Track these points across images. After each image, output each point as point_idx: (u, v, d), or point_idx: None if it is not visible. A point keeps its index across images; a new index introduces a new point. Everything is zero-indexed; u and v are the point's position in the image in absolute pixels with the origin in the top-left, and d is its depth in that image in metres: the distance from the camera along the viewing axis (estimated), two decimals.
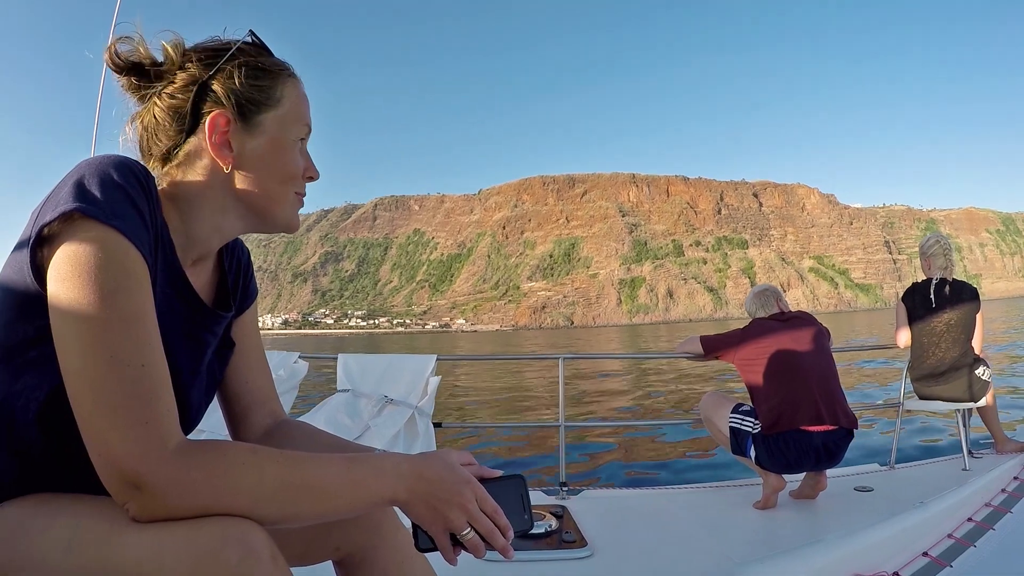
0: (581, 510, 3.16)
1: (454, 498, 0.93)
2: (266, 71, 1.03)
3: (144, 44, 0.99)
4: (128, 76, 1.00)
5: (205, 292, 1.12)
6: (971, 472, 3.77)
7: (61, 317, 0.79)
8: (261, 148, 1.02)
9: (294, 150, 1.05)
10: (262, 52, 1.05)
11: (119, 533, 0.79)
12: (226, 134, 0.99)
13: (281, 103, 1.03)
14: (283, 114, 1.03)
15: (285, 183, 1.05)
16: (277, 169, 1.03)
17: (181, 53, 0.99)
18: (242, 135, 1.00)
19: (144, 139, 1.02)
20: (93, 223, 0.80)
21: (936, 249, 4.27)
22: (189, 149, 1.00)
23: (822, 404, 3.11)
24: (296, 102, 1.05)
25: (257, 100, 1.01)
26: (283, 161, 1.04)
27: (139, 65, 0.99)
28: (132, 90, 1.01)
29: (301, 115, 1.06)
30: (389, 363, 3.63)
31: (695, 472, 6.30)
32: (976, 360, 4.07)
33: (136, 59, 0.99)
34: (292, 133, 1.05)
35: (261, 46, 1.05)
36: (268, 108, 1.02)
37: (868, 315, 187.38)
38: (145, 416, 0.78)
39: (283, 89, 1.04)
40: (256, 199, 1.03)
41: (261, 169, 1.02)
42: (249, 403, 1.24)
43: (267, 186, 1.03)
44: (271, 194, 1.04)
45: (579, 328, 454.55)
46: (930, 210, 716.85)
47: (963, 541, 2.60)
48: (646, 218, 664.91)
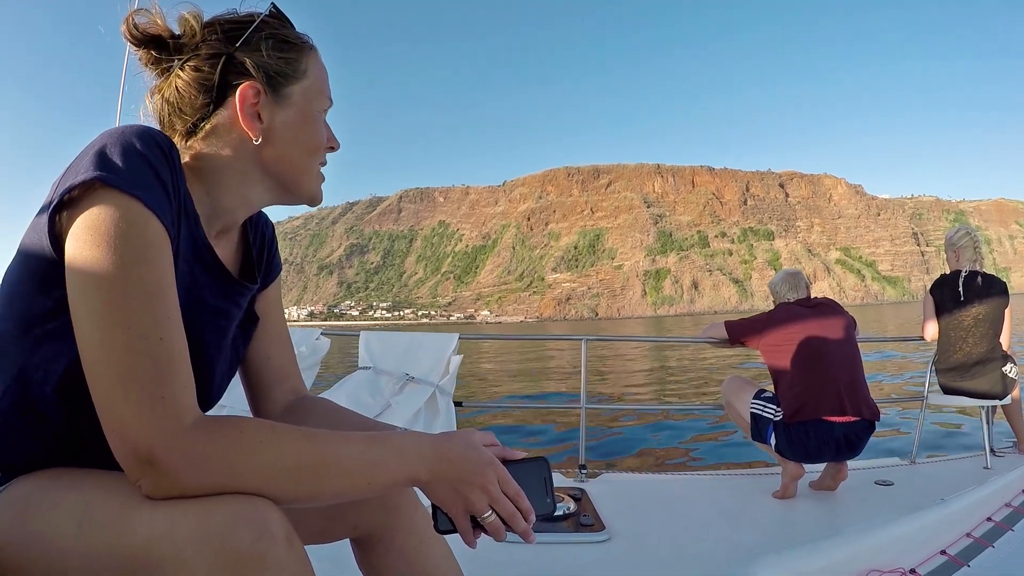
0: (600, 493, 3.17)
1: (476, 480, 0.91)
2: (291, 43, 1.02)
3: (162, 16, 0.97)
4: (147, 49, 0.98)
5: (230, 264, 1.11)
6: (993, 470, 3.73)
7: (78, 287, 0.78)
8: (290, 119, 1.01)
9: (320, 122, 1.06)
10: (285, 24, 1.04)
11: (132, 510, 0.77)
12: (256, 106, 0.98)
13: (307, 74, 1.03)
14: (309, 86, 1.03)
15: (311, 155, 1.05)
16: (305, 140, 1.03)
17: (202, 25, 0.98)
18: (272, 107, 0.99)
19: (166, 112, 1.00)
20: (114, 192, 0.79)
21: (966, 241, 4.19)
22: (216, 121, 0.99)
23: (846, 395, 3.09)
24: (319, 74, 1.06)
25: (285, 72, 1.00)
26: (310, 132, 1.04)
27: (158, 37, 0.97)
28: (152, 63, 0.99)
29: (324, 87, 1.06)
30: (411, 341, 3.63)
31: (715, 456, 6.29)
32: (1004, 356, 4.01)
33: (155, 31, 0.97)
34: (317, 105, 1.05)
35: (283, 18, 1.05)
36: (296, 80, 1.01)
37: (895, 308, 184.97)
38: (161, 391, 0.77)
39: (307, 61, 1.04)
40: (284, 171, 1.03)
41: (290, 141, 1.02)
42: (271, 379, 1.24)
43: (295, 157, 1.03)
44: (298, 166, 1.04)
45: (603, 320, 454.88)
46: (959, 201, 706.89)
47: (982, 541, 2.58)
48: (671, 209, 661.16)
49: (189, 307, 0.87)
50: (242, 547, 0.74)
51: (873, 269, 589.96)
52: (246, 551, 0.74)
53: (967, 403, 4.06)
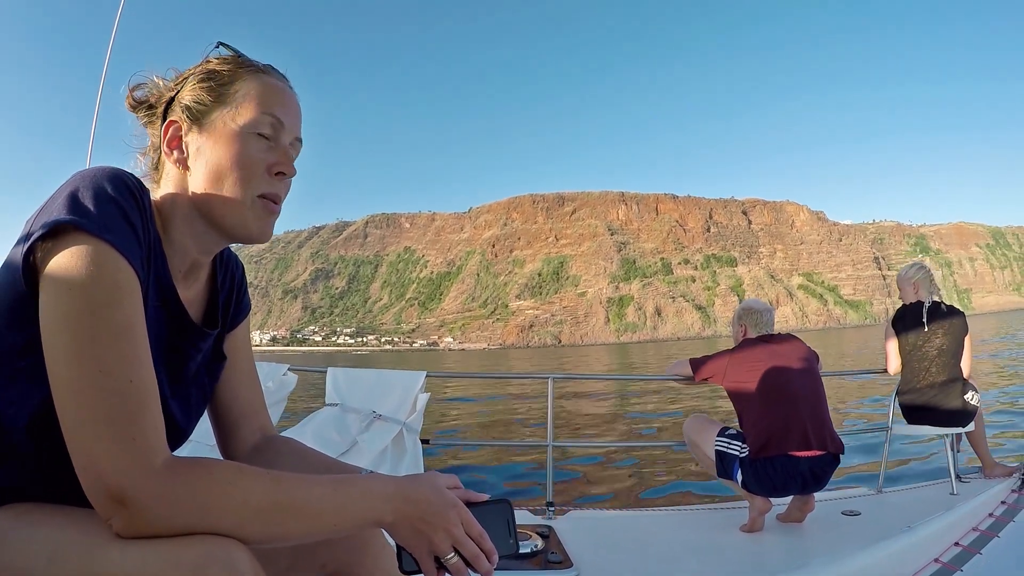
0: (567, 530, 3.15)
1: (439, 521, 0.93)
2: (219, 72, 1.04)
3: (153, 84, 1.07)
4: (139, 112, 1.08)
5: (196, 306, 1.13)
6: (959, 496, 3.77)
7: (51, 329, 0.79)
8: (210, 142, 1.01)
9: (247, 140, 1.02)
10: (226, 60, 1.06)
11: (102, 548, 0.78)
12: (180, 138, 1.01)
13: (234, 98, 1.02)
14: (236, 107, 1.02)
15: (241, 176, 1.01)
16: (225, 159, 1.00)
17: (174, 80, 1.06)
18: (195, 135, 1.01)
19: (148, 160, 1.09)
20: (85, 236, 0.80)
21: (922, 275, 4.30)
22: (164, 160, 1.04)
23: (810, 429, 3.11)
24: (255, 94, 1.04)
25: (206, 100, 1.02)
26: (231, 150, 1.01)
27: (145, 101, 1.07)
28: (145, 122, 1.09)
29: (262, 105, 1.03)
30: (378, 378, 3.61)
31: (681, 493, 6.29)
32: (965, 383, 4.09)
33: (145, 98, 1.07)
34: (248, 124, 1.02)
35: (227, 56, 1.07)
36: (219, 105, 1.02)
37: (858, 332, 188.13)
38: (131, 432, 0.78)
39: (238, 84, 1.03)
40: (213, 201, 1.01)
41: (211, 163, 1.00)
42: (238, 416, 1.25)
43: (220, 183, 1.01)
44: (225, 191, 1.01)
45: (567, 347, 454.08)
46: (920, 225, 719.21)
47: (950, 565, 2.62)
48: (635, 236, 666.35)
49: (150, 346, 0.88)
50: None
51: (835, 293, 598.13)
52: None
53: (931, 432, 4.12)
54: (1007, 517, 3.19)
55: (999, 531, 3.00)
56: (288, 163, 1.06)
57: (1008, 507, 3.39)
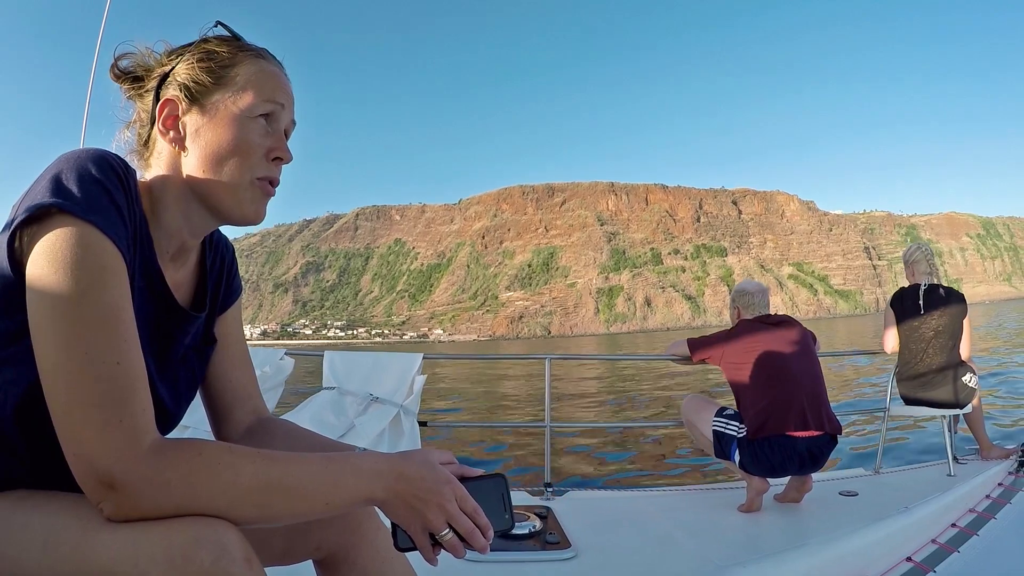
0: (565, 511, 3.15)
1: (433, 497, 0.92)
2: (218, 53, 1.02)
3: (141, 55, 1.04)
4: (124, 83, 1.04)
5: (184, 289, 1.11)
6: (956, 478, 3.78)
7: (37, 313, 0.79)
8: (209, 123, 0.99)
9: (247, 125, 1.01)
10: (225, 41, 1.04)
11: (95, 532, 0.78)
12: (176, 117, 0.99)
13: (235, 81, 1.01)
14: (236, 91, 1.01)
15: (240, 159, 1.00)
16: (226, 143, 0.99)
17: (166, 54, 1.03)
18: (194, 116, 1.00)
19: (134, 135, 1.06)
20: (70, 218, 0.80)
21: (918, 255, 4.31)
22: (156, 138, 1.01)
23: (808, 409, 3.11)
24: (255, 79, 1.03)
25: (206, 81, 1.00)
26: (232, 134, 0.99)
27: (131, 72, 1.04)
28: (132, 95, 1.05)
29: (262, 91, 1.02)
30: (375, 361, 3.61)
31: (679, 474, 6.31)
32: (963, 366, 4.09)
33: (131, 69, 1.04)
34: (248, 109, 1.01)
35: (225, 37, 1.05)
36: (219, 88, 1.00)
37: (847, 321, 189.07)
38: (119, 415, 0.78)
39: (239, 68, 1.02)
40: (209, 183, 1.00)
41: (211, 145, 0.99)
42: (231, 400, 1.24)
43: (219, 166, 1.00)
44: (223, 175, 1.00)
45: (556, 338, 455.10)
46: (910, 215, 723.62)
47: (947, 546, 2.62)
48: (625, 227, 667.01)
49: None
50: (202, 568, 0.75)
51: (825, 283, 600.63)
52: (206, 572, 0.75)
53: (928, 413, 4.12)
54: (1004, 499, 3.21)
55: (996, 513, 3.01)
56: (285, 149, 1.06)
57: (1005, 489, 3.41)
